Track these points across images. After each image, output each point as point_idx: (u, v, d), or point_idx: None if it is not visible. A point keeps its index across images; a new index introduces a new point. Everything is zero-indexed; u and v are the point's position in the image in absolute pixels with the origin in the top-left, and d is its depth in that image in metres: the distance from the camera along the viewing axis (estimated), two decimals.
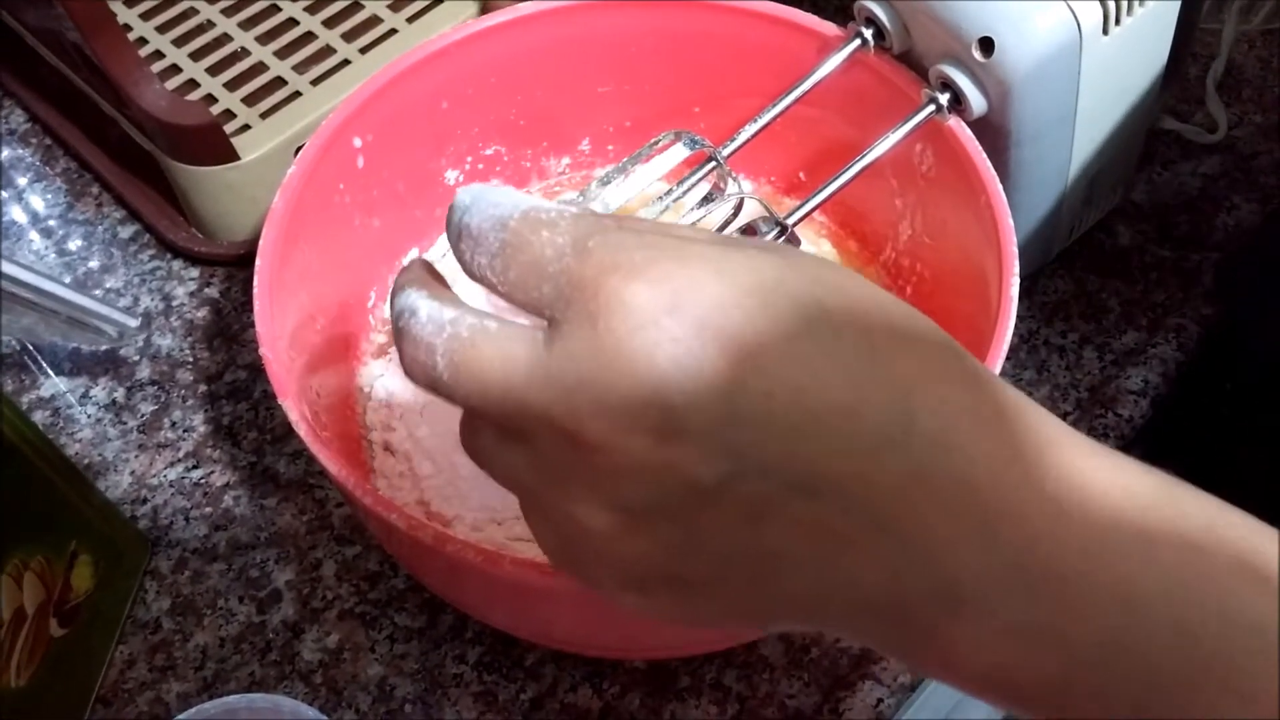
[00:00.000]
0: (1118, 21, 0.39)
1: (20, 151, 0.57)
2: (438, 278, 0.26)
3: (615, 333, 0.22)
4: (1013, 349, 0.49)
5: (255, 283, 0.37)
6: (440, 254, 0.48)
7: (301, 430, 0.34)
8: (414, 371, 0.24)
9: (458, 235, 0.24)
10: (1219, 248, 0.51)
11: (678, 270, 0.22)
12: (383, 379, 0.45)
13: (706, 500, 0.22)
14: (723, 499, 0.22)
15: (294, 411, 0.35)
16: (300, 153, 0.40)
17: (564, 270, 0.23)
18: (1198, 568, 0.22)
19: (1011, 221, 0.38)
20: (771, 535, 0.22)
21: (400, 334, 0.25)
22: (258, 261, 0.38)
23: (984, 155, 0.39)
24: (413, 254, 0.48)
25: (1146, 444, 0.46)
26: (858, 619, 0.24)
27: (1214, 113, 0.54)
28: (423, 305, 0.24)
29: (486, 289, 0.24)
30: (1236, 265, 0.50)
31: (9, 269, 0.41)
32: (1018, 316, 0.36)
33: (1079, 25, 0.38)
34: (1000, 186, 0.39)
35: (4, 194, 0.56)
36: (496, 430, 0.24)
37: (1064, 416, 0.47)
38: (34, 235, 0.54)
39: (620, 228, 0.23)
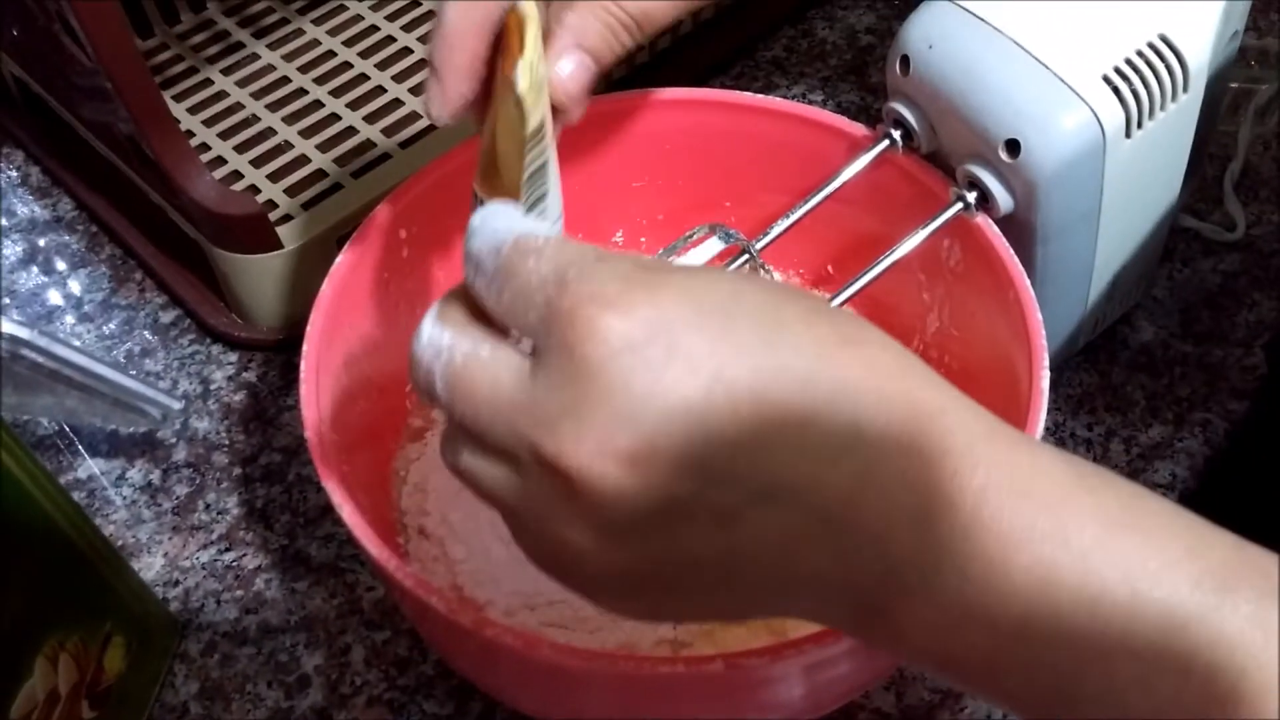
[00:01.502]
0: (1140, 125, 0.40)
1: (66, 238, 0.59)
2: (469, 301, 0.27)
3: (590, 361, 0.24)
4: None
5: (302, 366, 0.38)
6: None
7: (345, 513, 0.35)
8: (419, 388, 0.26)
9: (466, 258, 0.26)
10: (1242, 344, 0.52)
11: (648, 300, 0.24)
12: (418, 463, 0.46)
13: (681, 514, 0.24)
14: (696, 511, 0.24)
15: (337, 494, 0.35)
16: (349, 242, 0.42)
17: (546, 300, 0.24)
18: (1109, 547, 0.24)
19: (1040, 316, 0.39)
20: (739, 538, 0.25)
21: (410, 355, 0.27)
22: (305, 346, 0.38)
23: (1011, 252, 0.40)
24: None
25: None
26: (819, 605, 0.26)
27: (1232, 212, 0.56)
28: (426, 328, 0.26)
29: (489, 312, 0.26)
30: None
31: (63, 352, 0.42)
32: None
33: (1103, 128, 0.39)
34: (1029, 282, 0.40)
35: (47, 278, 0.57)
36: (483, 448, 0.26)
37: None
38: (73, 319, 0.56)
39: (599, 258, 0.25)
